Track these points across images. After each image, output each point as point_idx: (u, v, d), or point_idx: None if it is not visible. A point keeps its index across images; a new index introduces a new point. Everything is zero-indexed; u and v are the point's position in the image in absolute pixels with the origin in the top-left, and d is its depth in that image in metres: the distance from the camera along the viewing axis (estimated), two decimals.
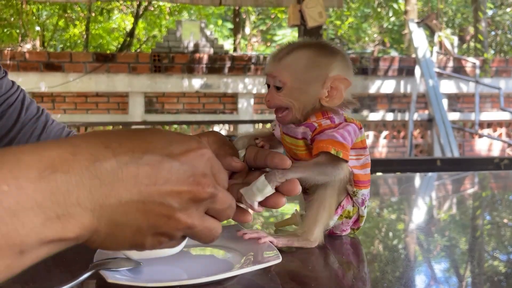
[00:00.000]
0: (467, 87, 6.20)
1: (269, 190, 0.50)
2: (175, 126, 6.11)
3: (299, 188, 0.51)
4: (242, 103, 5.98)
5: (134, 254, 0.48)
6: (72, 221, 0.32)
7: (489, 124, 6.45)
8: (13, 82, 0.76)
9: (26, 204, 0.30)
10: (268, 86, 0.57)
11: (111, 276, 0.45)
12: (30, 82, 5.47)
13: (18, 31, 7.97)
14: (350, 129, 0.55)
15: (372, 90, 6.10)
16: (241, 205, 0.51)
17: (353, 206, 0.60)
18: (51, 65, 5.53)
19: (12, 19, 8.10)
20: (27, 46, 7.73)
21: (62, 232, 0.32)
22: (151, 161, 0.36)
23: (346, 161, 0.54)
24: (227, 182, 0.43)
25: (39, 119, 0.76)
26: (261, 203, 0.51)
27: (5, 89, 0.74)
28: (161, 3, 8.77)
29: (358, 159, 0.59)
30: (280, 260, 0.49)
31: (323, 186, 0.57)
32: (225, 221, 0.79)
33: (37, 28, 8.69)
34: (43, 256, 0.33)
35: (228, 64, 5.84)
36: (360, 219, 0.62)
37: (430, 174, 1.55)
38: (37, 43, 8.51)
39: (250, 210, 0.51)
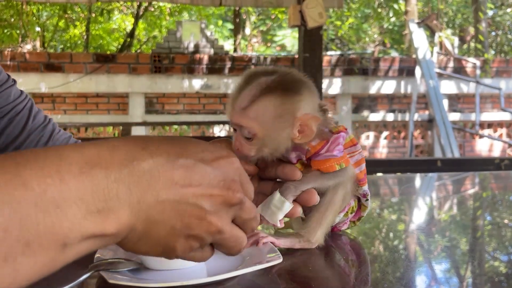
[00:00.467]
0: (467, 88, 6.20)
1: (288, 206, 0.53)
2: (175, 126, 6.12)
3: (317, 198, 0.54)
4: None
5: (152, 263, 0.49)
6: (112, 215, 0.33)
7: (490, 125, 6.45)
8: (21, 91, 0.78)
9: (69, 197, 0.31)
10: (235, 130, 0.55)
11: (111, 277, 0.45)
12: (31, 83, 5.47)
13: (18, 31, 7.98)
14: (341, 140, 0.57)
15: (373, 90, 6.10)
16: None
17: (353, 200, 0.62)
18: (51, 66, 5.53)
19: (13, 19, 8.10)
20: (27, 47, 7.74)
21: (102, 226, 0.33)
22: (185, 164, 0.37)
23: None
24: (253, 193, 0.44)
25: (45, 128, 0.77)
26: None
27: (14, 97, 0.76)
28: (161, 4, 8.78)
29: (351, 156, 0.60)
30: (281, 260, 0.49)
31: (334, 188, 0.58)
32: None
33: (37, 29, 8.70)
34: (84, 252, 0.33)
35: (228, 64, 5.84)
36: (363, 209, 0.63)
37: (430, 174, 1.55)
38: (37, 43, 8.51)
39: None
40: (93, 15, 8.94)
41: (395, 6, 9.94)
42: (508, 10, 11.23)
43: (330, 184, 0.57)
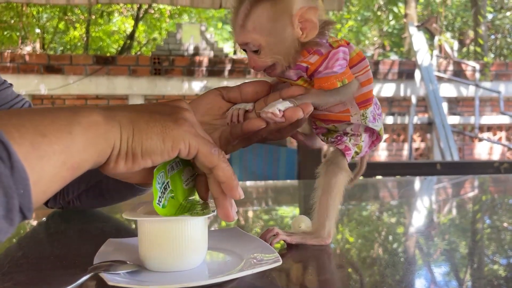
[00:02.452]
0: (467, 91, 6.20)
1: (288, 104, 0.53)
2: None
3: (311, 108, 0.54)
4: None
5: (153, 264, 0.49)
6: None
7: (489, 128, 6.45)
8: (18, 95, 0.80)
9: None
10: (245, 50, 0.57)
11: (111, 279, 0.44)
12: (30, 85, 5.47)
13: (18, 33, 7.98)
14: (341, 54, 0.55)
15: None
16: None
17: (356, 146, 0.61)
18: (51, 68, 5.53)
19: (12, 21, 8.11)
20: (27, 49, 7.74)
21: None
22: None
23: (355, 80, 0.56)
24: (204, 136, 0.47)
25: None
26: (287, 115, 0.52)
27: (11, 98, 0.77)
28: (161, 6, 8.79)
29: (363, 73, 0.58)
30: (280, 263, 0.49)
31: (330, 174, 0.58)
32: (224, 223, 0.79)
33: (37, 31, 8.70)
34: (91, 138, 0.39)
35: (228, 67, 5.85)
36: (380, 132, 0.62)
37: (430, 177, 1.55)
38: (37, 45, 8.51)
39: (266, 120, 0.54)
40: (93, 17, 8.95)
41: (395, 9, 9.97)
42: (508, 13, 11.26)
43: (333, 100, 0.56)
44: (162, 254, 0.49)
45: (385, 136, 6.30)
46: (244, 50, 0.57)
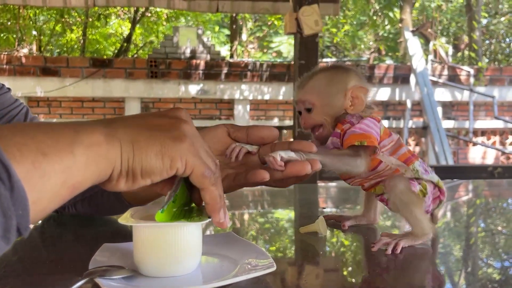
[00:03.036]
0: (461, 96, 6.24)
1: (293, 155, 0.55)
2: None
3: (319, 165, 0.55)
4: (238, 109, 5.99)
5: (148, 269, 0.49)
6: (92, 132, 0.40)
7: (483, 132, 6.49)
8: (16, 99, 0.80)
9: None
10: (300, 113, 0.66)
11: (106, 284, 0.44)
12: (27, 87, 5.45)
13: (15, 35, 7.96)
14: (367, 121, 0.63)
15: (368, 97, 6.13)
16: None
17: (420, 184, 0.65)
18: (47, 70, 5.52)
19: (9, 23, 8.08)
20: (24, 51, 7.71)
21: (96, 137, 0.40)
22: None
23: (374, 149, 0.62)
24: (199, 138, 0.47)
25: None
26: (287, 168, 0.54)
27: (9, 103, 0.77)
28: (158, 9, 8.80)
29: (386, 149, 0.64)
30: (274, 268, 0.49)
31: (393, 184, 0.62)
32: (219, 228, 0.79)
33: (34, 33, 8.68)
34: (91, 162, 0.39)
35: (224, 70, 5.85)
36: (439, 184, 0.67)
37: None
38: (34, 47, 8.49)
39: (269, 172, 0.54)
40: (90, 19, 8.94)
41: (390, 14, 10.02)
42: (502, 19, 11.35)
43: (338, 167, 0.61)
44: (156, 259, 0.49)
45: None
46: (299, 112, 0.66)
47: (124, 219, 0.50)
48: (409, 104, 5.89)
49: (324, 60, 8.24)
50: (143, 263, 0.49)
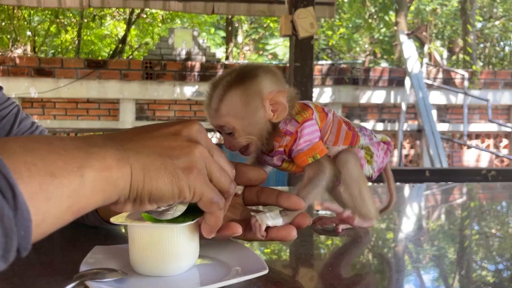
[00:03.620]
0: (456, 99, 6.28)
1: (280, 222, 0.54)
2: None
3: (310, 220, 0.55)
4: None
5: (144, 268, 0.49)
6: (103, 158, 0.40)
7: (477, 135, 6.53)
8: (8, 98, 0.78)
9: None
10: (220, 132, 0.60)
11: (96, 287, 0.44)
12: (20, 88, 5.42)
13: (9, 36, 7.91)
14: (306, 130, 0.59)
15: (363, 100, 6.16)
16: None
17: (362, 149, 0.65)
18: (41, 71, 5.49)
19: (3, 23, 8.04)
20: (18, 51, 7.67)
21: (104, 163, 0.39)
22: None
23: (327, 155, 0.61)
24: (220, 152, 0.48)
25: (32, 134, 0.77)
26: (272, 234, 0.53)
27: (2, 101, 0.76)
28: (153, 11, 8.79)
29: (331, 130, 0.63)
30: (266, 271, 0.49)
31: (345, 162, 0.62)
32: None
33: (28, 33, 8.64)
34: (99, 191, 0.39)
35: (220, 72, 5.84)
36: (383, 139, 0.68)
37: (419, 184, 1.56)
38: (28, 48, 8.45)
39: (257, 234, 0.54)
40: (85, 20, 8.91)
41: (386, 17, 10.08)
42: (496, 22, 11.45)
43: (321, 192, 0.60)
44: (148, 258, 0.49)
45: None
46: (219, 132, 0.60)
47: (116, 219, 0.50)
48: (404, 107, 5.92)
49: (320, 62, 8.26)
50: (135, 261, 0.50)
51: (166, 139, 0.44)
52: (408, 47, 6.02)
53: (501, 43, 11.81)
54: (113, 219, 0.51)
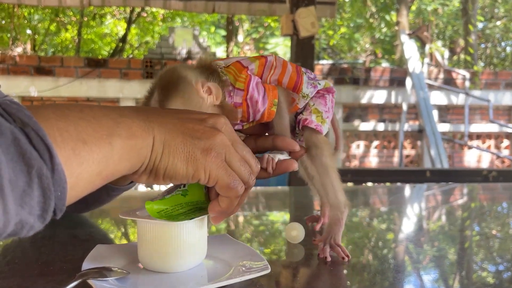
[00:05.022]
0: (457, 99, 6.28)
1: (287, 156, 0.58)
2: None
3: (303, 151, 0.59)
4: None
5: (152, 264, 0.50)
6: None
7: (478, 136, 6.53)
8: (6, 95, 0.77)
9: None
10: None
11: (99, 286, 0.44)
12: (20, 86, 5.42)
13: (9, 34, 7.91)
14: (254, 93, 0.57)
15: (364, 100, 6.15)
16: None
17: (312, 114, 0.63)
18: (41, 69, 5.49)
19: (3, 22, 8.04)
20: (18, 50, 7.67)
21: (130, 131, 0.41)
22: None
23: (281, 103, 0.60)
24: (243, 146, 0.49)
25: None
26: (278, 167, 0.56)
27: None
28: (154, 9, 8.79)
29: (274, 71, 0.60)
30: (268, 270, 0.49)
31: (316, 156, 0.61)
32: (214, 228, 0.78)
33: (29, 32, 8.64)
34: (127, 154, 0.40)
35: None
36: (325, 85, 0.64)
37: (419, 185, 1.56)
38: (28, 47, 8.45)
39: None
40: (85, 19, 8.91)
41: (387, 17, 10.07)
42: (498, 23, 11.43)
43: (287, 118, 0.60)
44: (157, 254, 0.50)
45: (376, 143, 6.34)
46: None
47: (125, 214, 0.52)
48: (404, 107, 5.91)
49: (321, 62, 8.26)
50: (146, 258, 0.51)
51: (191, 122, 0.45)
52: (409, 47, 6.02)
53: (503, 44, 11.80)
54: (122, 215, 0.52)
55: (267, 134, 0.61)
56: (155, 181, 0.44)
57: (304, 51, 3.26)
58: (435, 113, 6.10)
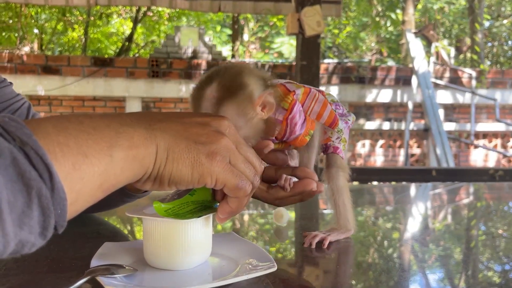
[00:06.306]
0: (463, 98, 6.24)
1: None
2: None
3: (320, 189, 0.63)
4: None
5: (158, 262, 0.51)
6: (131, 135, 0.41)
7: (485, 135, 6.48)
8: (18, 94, 0.81)
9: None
10: None
11: (107, 283, 0.45)
12: (28, 85, 5.46)
13: (16, 34, 7.97)
14: (296, 117, 0.60)
15: (369, 99, 6.13)
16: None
17: (339, 138, 0.69)
18: (48, 69, 5.52)
19: (11, 21, 8.09)
20: (25, 49, 7.72)
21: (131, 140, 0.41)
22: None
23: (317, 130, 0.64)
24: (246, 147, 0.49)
25: None
26: (295, 187, 0.61)
27: (11, 96, 0.77)
28: (160, 9, 8.81)
29: (315, 103, 0.64)
30: (275, 268, 0.49)
31: (335, 177, 0.66)
32: (220, 227, 0.79)
33: (36, 31, 8.69)
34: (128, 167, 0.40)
35: None
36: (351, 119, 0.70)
37: (425, 184, 1.56)
38: (35, 46, 8.50)
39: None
40: (92, 18, 8.95)
41: (393, 15, 10.02)
42: (505, 21, 11.34)
43: (316, 148, 0.64)
44: (163, 252, 0.50)
45: (381, 142, 6.32)
46: None
47: (132, 212, 0.52)
48: (410, 106, 5.89)
49: (326, 61, 8.24)
50: (152, 255, 0.51)
51: (194, 126, 0.45)
52: (415, 45, 5.99)
53: (509, 42, 11.70)
54: (129, 213, 0.52)
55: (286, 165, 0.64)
56: (160, 188, 0.44)
57: (310, 50, 3.25)
58: (441, 112, 6.06)
